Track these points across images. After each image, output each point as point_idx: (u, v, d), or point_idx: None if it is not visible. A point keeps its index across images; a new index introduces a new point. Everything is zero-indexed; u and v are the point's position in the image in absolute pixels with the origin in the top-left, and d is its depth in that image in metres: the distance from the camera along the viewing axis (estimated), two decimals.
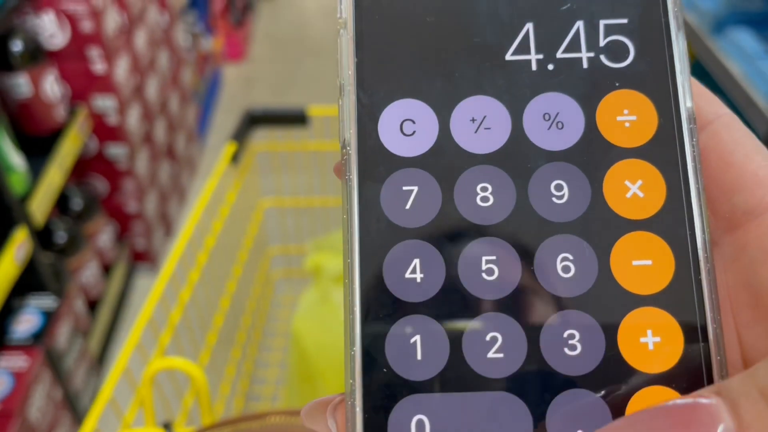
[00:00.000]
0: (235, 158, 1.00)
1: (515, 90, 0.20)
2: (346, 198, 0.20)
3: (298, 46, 2.82)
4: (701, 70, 1.23)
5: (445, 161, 0.20)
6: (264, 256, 1.35)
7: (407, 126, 0.20)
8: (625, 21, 0.20)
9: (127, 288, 1.69)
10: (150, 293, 0.77)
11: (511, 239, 0.19)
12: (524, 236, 0.19)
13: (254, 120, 1.06)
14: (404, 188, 0.20)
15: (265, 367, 1.36)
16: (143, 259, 1.76)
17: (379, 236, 0.19)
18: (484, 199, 0.20)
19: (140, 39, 1.59)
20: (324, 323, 0.93)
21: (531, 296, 0.19)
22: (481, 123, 0.20)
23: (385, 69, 0.20)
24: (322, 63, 2.68)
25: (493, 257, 0.19)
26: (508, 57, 0.20)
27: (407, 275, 0.19)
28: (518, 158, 0.20)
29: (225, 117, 2.40)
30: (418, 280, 0.19)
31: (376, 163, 0.20)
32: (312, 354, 0.92)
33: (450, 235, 0.19)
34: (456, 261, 0.19)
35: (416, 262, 0.19)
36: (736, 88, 1.11)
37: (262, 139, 1.18)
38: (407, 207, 0.20)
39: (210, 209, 0.97)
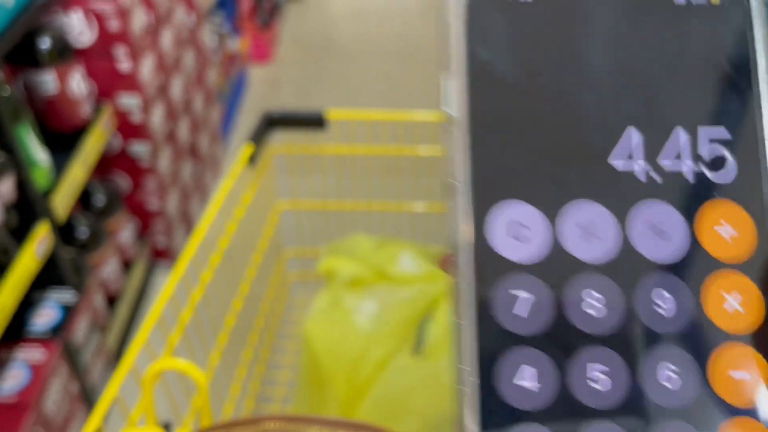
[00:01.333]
0: (252, 160, 1.01)
1: (618, 196, 0.21)
2: (457, 300, 0.20)
3: (323, 48, 2.83)
4: None
5: (557, 268, 0.20)
6: (279, 259, 1.35)
7: (518, 229, 0.20)
8: (722, 129, 0.21)
9: (147, 285, 1.71)
10: (160, 292, 0.77)
11: (620, 349, 0.20)
12: (632, 346, 0.20)
13: (272, 122, 1.06)
14: (516, 294, 0.20)
15: (277, 369, 1.36)
16: (163, 256, 1.77)
17: (490, 341, 0.20)
18: (596, 309, 0.20)
19: (166, 38, 1.60)
20: (335, 328, 0.93)
21: (637, 405, 0.20)
22: (589, 229, 0.20)
23: (495, 170, 0.20)
24: (346, 66, 2.69)
25: (605, 368, 0.20)
26: (610, 160, 0.21)
27: (520, 382, 0.20)
28: (626, 268, 0.20)
29: (249, 118, 2.42)
30: (532, 387, 0.20)
31: (486, 267, 0.20)
32: (322, 358, 0.92)
33: (563, 342, 0.20)
34: (568, 369, 0.20)
35: (529, 369, 0.20)
36: None
37: (280, 141, 1.18)
38: (520, 313, 0.20)
39: (225, 210, 0.98)
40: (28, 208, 1.17)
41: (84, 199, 1.49)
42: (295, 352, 1.38)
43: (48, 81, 1.26)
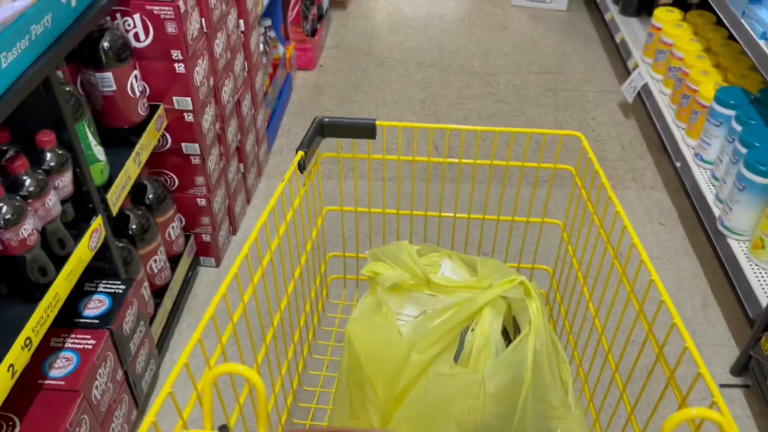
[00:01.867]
0: (303, 166, 1.04)
1: None
2: None
3: (365, 56, 2.87)
4: None
5: None
6: (322, 260, 1.39)
7: None
8: None
9: (191, 279, 1.76)
10: (217, 293, 0.81)
11: None
12: None
13: (324, 129, 1.09)
14: None
15: (315, 365, 1.39)
16: (207, 253, 1.82)
17: None
18: None
19: (219, 43, 1.65)
20: (378, 332, 0.95)
21: None
22: None
23: None
24: (386, 73, 2.73)
25: None
26: None
27: None
28: None
29: (293, 121, 2.46)
30: None
31: None
32: (364, 360, 0.94)
33: None
34: None
35: None
36: None
37: (326, 144, 1.22)
38: None
39: (275, 212, 1.02)
40: (84, 201, 1.22)
41: (136, 195, 1.55)
42: (333, 350, 1.41)
43: (107, 80, 1.32)
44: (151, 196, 1.56)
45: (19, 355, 1.02)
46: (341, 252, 1.44)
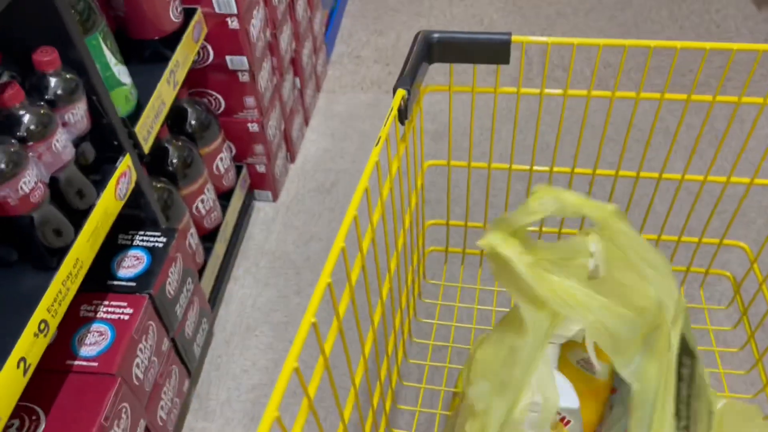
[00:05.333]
0: (404, 112, 0.70)
1: None
2: None
3: None
4: None
5: None
6: (420, 229, 1.07)
7: None
8: None
9: (245, 217, 1.52)
10: (329, 259, 0.53)
11: None
12: None
13: (433, 52, 0.74)
14: None
15: (409, 373, 1.13)
16: (263, 186, 1.57)
17: None
18: None
19: None
20: (503, 362, 0.67)
21: None
22: None
23: None
24: None
25: None
26: None
27: None
28: None
29: (354, 24, 2.13)
30: None
31: None
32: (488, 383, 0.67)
33: None
34: None
35: None
36: None
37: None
38: None
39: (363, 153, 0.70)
40: (106, 138, 0.96)
41: (174, 122, 1.28)
42: (434, 352, 1.14)
43: None
44: (193, 123, 1.29)
45: (32, 344, 0.80)
46: (443, 220, 1.13)
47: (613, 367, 0.70)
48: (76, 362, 0.95)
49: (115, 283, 1.04)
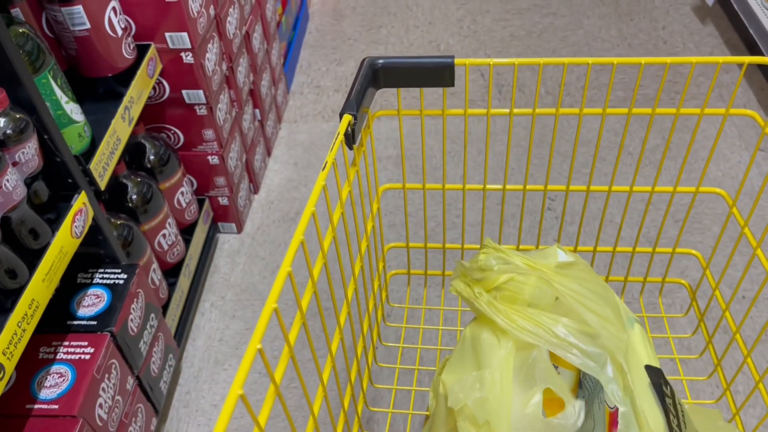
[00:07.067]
0: (352, 136, 0.71)
1: None
2: None
3: None
4: None
5: None
6: (380, 254, 1.07)
7: None
8: None
9: (209, 251, 1.51)
10: (274, 286, 0.53)
11: None
12: None
13: (379, 77, 0.76)
14: None
15: (380, 398, 1.12)
16: (227, 218, 1.56)
17: None
18: None
19: None
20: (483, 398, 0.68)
21: None
22: None
23: None
24: None
25: None
26: None
27: None
28: None
29: (312, 54, 2.15)
30: None
31: None
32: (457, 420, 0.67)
33: None
34: None
35: None
36: None
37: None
38: None
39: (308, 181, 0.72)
40: (60, 176, 0.95)
41: (132, 158, 1.28)
42: (400, 376, 1.13)
43: (77, 16, 1.03)
44: (151, 158, 1.29)
45: None
46: (402, 242, 1.13)
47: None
48: (36, 405, 0.93)
49: (75, 322, 1.02)
